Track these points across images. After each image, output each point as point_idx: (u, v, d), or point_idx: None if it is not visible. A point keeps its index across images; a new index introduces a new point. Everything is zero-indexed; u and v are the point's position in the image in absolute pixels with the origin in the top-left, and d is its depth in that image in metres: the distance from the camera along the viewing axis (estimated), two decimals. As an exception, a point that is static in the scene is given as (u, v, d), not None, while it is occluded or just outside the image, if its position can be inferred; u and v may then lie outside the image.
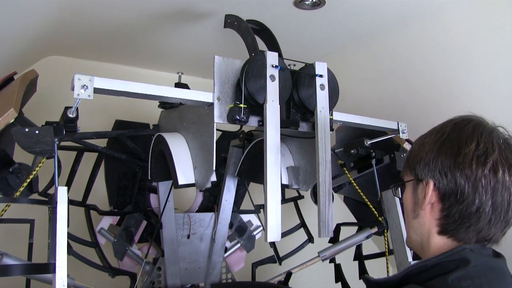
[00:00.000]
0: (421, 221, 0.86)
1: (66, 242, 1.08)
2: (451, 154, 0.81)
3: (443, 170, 0.81)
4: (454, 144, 0.81)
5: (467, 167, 0.78)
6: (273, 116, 1.27)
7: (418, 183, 0.86)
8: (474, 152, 0.79)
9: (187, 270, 1.89)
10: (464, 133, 0.82)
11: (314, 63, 1.38)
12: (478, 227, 0.79)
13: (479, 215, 0.78)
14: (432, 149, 0.84)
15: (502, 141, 0.81)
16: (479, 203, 0.78)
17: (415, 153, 0.88)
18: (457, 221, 0.80)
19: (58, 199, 1.12)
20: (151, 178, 1.70)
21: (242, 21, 1.47)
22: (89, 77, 1.11)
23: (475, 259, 0.77)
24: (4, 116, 1.09)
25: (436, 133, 0.86)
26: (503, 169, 0.78)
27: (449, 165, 0.80)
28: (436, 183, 0.82)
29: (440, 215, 0.82)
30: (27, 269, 1.15)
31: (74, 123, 1.21)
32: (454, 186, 0.79)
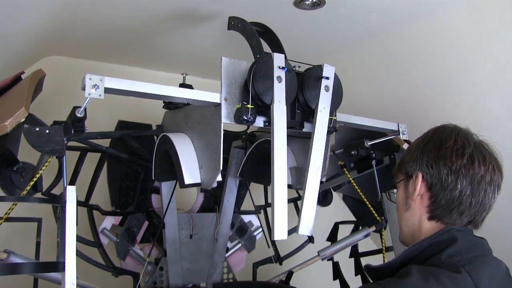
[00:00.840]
0: (412, 212, 1.00)
1: (75, 241, 1.08)
2: (434, 149, 0.97)
3: (429, 163, 0.97)
4: (436, 142, 0.98)
5: (448, 159, 0.94)
6: (280, 116, 1.29)
7: (408, 179, 1.02)
8: (453, 147, 0.95)
9: (189, 270, 1.89)
10: (444, 133, 0.99)
11: (322, 65, 1.41)
12: (461, 210, 0.94)
13: (461, 199, 0.93)
14: (418, 148, 1.01)
15: (476, 139, 1.00)
16: (460, 188, 0.93)
17: (404, 157, 1.05)
18: (443, 206, 0.95)
19: (67, 198, 1.13)
20: (155, 178, 1.71)
21: (247, 23, 1.49)
22: (100, 76, 1.13)
23: (461, 238, 0.91)
24: (15, 115, 1.09)
25: (420, 138, 1.04)
26: (478, 160, 0.94)
27: (433, 158, 0.96)
28: (424, 174, 0.98)
29: (428, 202, 0.97)
30: (36, 267, 1.16)
31: (82, 123, 1.22)
32: (439, 175, 0.95)
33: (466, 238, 0.92)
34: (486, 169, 0.95)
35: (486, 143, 1.02)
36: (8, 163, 1.33)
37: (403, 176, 1.04)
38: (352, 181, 1.80)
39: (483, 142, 1.02)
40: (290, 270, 1.89)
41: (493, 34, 1.61)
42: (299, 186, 1.64)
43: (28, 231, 1.55)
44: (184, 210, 2.03)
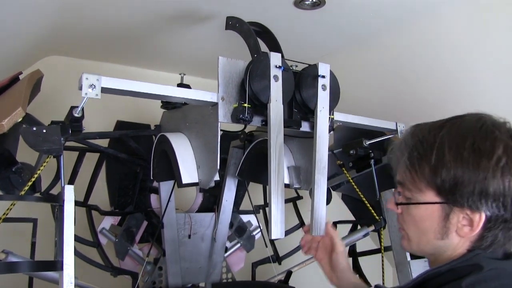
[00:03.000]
0: (448, 242, 0.78)
1: (73, 240, 1.08)
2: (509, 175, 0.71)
3: (504, 201, 0.72)
4: (488, 153, 0.72)
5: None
6: (276, 115, 1.29)
7: (453, 208, 0.75)
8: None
9: (188, 269, 1.90)
10: (492, 136, 0.74)
11: (317, 64, 1.41)
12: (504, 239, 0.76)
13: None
14: (494, 178, 0.71)
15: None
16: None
17: (452, 170, 0.73)
18: (503, 242, 0.76)
19: (65, 198, 1.13)
20: (153, 178, 1.71)
21: (244, 23, 1.49)
22: (97, 76, 1.13)
23: (487, 264, 0.75)
24: (12, 115, 1.09)
25: (487, 157, 0.72)
26: None
27: (500, 186, 0.71)
28: (489, 214, 0.73)
29: (482, 236, 0.75)
30: (34, 266, 1.16)
31: (79, 123, 1.22)
32: (506, 209, 0.72)
33: (493, 264, 0.75)
34: None
35: None
36: (6, 163, 1.34)
37: (440, 198, 0.75)
38: (351, 180, 1.80)
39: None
40: (289, 270, 1.90)
41: (493, 34, 1.60)
42: (297, 185, 1.64)
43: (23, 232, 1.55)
44: (183, 210, 2.03)
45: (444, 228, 0.77)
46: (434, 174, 0.75)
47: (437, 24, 1.70)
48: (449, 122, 0.81)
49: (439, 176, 0.74)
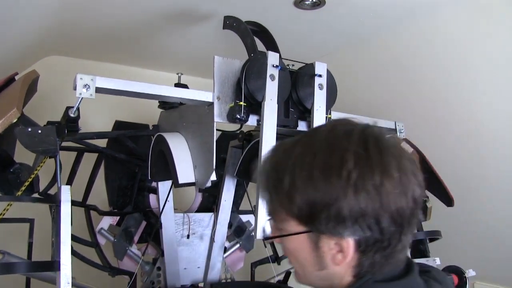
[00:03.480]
0: (330, 272, 0.67)
1: (70, 240, 1.09)
2: (374, 199, 0.60)
3: (366, 222, 0.61)
4: (371, 186, 0.61)
5: (393, 208, 0.61)
6: (270, 114, 1.29)
7: (319, 236, 0.65)
8: (393, 187, 0.61)
9: (187, 270, 1.89)
10: (374, 168, 0.61)
11: (314, 63, 1.40)
12: (401, 257, 0.68)
13: (403, 247, 0.66)
14: (345, 197, 0.60)
15: (405, 155, 0.65)
16: (405, 237, 0.65)
17: (307, 200, 0.63)
18: (383, 264, 0.66)
19: (62, 198, 1.13)
20: (151, 178, 1.71)
21: (241, 23, 1.49)
22: (91, 76, 1.13)
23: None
24: (7, 116, 1.09)
25: (336, 173, 0.61)
26: (417, 190, 0.64)
27: (374, 214, 0.61)
28: (356, 238, 0.63)
29: (359, 262, 0.65)
30: (31, 266, 1.16)
31: (75, 123, 1.22)
32: (381, 234, 0.62)
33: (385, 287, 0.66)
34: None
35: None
36: (4, 164, 1.34)
37: (303, 227, 0.66)
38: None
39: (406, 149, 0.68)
40: (288, 270, 1.89)
41: (493, 34, 1.60)
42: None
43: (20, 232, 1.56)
44: (182, 210, 2.02)
45: (318, 258, 0.66)
46: (289, 202, 0.65)
47: (437, 24, 1.70)
48: (303, 137, 0.68)
49: (295, 203, 0.64)
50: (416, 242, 1.75)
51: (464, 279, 1.60)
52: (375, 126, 0.68)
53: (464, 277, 1.60)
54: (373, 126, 0.68)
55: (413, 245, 1.78)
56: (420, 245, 1.75)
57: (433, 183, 1.80)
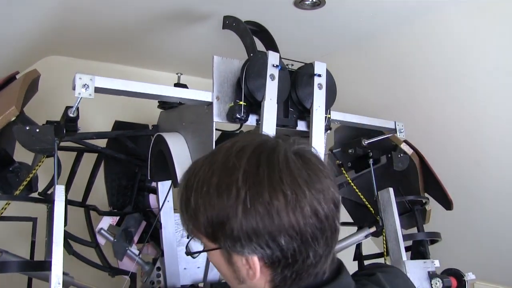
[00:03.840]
0: (251, 285, 0.68)
1: (62, 240, 1.08)
2: (264, 218, 0.60)
3: (263, 241, 0.61)
4: (260, 204, 0.60)
5: (287, 226, 0.60)
6: (270, 113, 1.29)
7: (229, 252, 0.65)
8: (285, 205, 0.60)
9: (187, 270, 1.89)
10: (263, 185, 0.61)
11: (313, 63, 1.40)
12: (316, 271, 0.66)
13: (317, 261, 0.64)
14: (235, 216, 0.61)
15: (302, 171, 0.62)
16: (314, 251, 0.63)
17: (206, 217, 0.64)
18: (295, 278, 0.65)
19: (56, 198, 1.13)
20: (150, 178, 1.71)
21: (241, 22, 1.49)
22: (90, 76, 1.13)
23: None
24: (5, 114, 1.10)
25: (227, 191, 0.62)
26: (319, 203, 0.62)
27: (267, 233, 0.60)
28: (259, 256, 0.63)
29: (273, 277, 0.65)
30: (23, 266, 1.16)
31: (74, 123, 1.22)
32: (281, 252, 0.62)
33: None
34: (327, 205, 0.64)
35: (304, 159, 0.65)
36: (3, 163, 1.34)
37: (213, 243, 0.65)
38: (350, 182, 1.79)
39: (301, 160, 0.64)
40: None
41: (493, 34, 1.60)
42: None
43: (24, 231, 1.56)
44: (182, 210, 2.02)
45: (235, 273, 0.67)
46: (196, 220, 0.65)
47: (437, 24, 1.69)
48: (209, 155, 0.69)
49: (199, 222, 0.65)
50: (416, 244, 1.75)
51: (463, 282, 1.59)
52: (282, 138, 0.67)
53: (463, 280, 1.59)
54: (275, 140, 0.66)
55: (414, 247, 1.77)
56: (421, 247, 1.74)
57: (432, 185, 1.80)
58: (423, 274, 1.56)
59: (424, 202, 1.83)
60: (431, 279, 1.54)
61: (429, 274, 1.55)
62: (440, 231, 1.76)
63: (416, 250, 1.75)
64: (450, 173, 1.86)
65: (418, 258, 1.68)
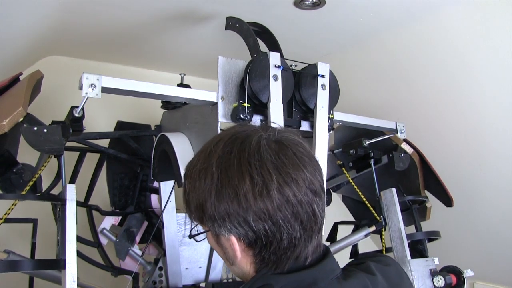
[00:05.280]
0: (240, 266, 0.72)
1: (75, 238, 1.10)
2: (233, 200, 0.64)
3: (235, 221, 0.65)
4: (229, 187, 0.64)
5: (254, 208, 0.63)
6: (276, 114, 1.30)
7: (217, 234, 0.69)
8: (252, 188, 0.63)
9: (188, 269, 1.90)
10: (232, 169, 0.65)
11: (317, 64, 1.42)
12: (295, 254, 0.68)
13: (294, 244, 0.66)
14: (210, 198, 0.66)
15: (274, 157, 0.65)
16: (289, 234, 0.65)
17: (193, 201, 0.69)
18: (276, 260, 0.68)
19: (67, 197, 1.14)
20: (153, 178, 1.72)
21: (244, 23, 1.50)
22: (97, 76, 1.14)
23: (277, 281, 0.67)
24: (13, 115, 1.10)
25: (204, 175, 0.67)
26: (290, 188, 0.64)
27: (237, 214, 0.64)
28: (236, 236, 0.67)
29: (254, 259, 0.69)
30: (37, 264, 1.17)
31: (80, 122, 1.23)
32: (254, 233, 0.65)
33: (284, 280, 0.68)
34: (302, 192, 0.66)
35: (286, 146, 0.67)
36: (7, 164, 1.34)
37: (206, 226, 0.70)
38: (351, 181, 1.80)
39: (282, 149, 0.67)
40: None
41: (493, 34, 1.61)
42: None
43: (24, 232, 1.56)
44: (184, 210, 2.03)
45: (224, 254, 0.72)
46: (189, 206, 0.71)
47: (437, 24, 1.71)
48: (204, 144, 0.74)
49: (190, 207, 0.70)
50: (414, 242, 1.77)
51: (462, 279, 1.62)
52: (265, 128, 0.70)
53: (462, 277, 1.62)
54: (256, 129, 0.69)
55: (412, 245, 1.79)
56: (419, 245, 1.76)
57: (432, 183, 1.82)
58: (425, 272, 1.58)
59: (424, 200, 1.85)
60: (433, 276, 1.56)
61: (430, 272, 1.58)
62: (440, 229, 1.78)
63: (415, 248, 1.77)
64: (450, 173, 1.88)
65: (416, 256, 1.70)
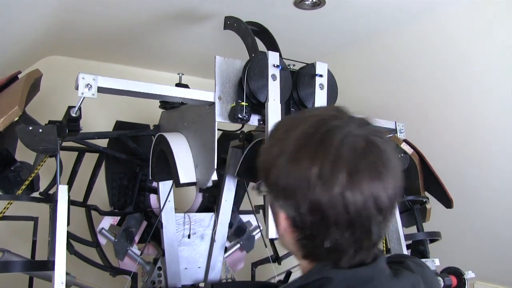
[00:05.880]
0: (284, 239, 0.70)
1: (65, 240, 1.08)
2: (295, 180, 0.62)
3: (289, 201, 0.64)
4: (297, 166, 0.62)
5: (311, 197, 0.61)
6: (274, 114, 1.29)
7: (273, 201, 0.69)
8: (318, 178, 0.60)
9: (187, 270, 1.89)
10: (308, 150, 0.62)
11: (315, 63, 1.41)
12: (337, 256, 0.66)
13: (338, 249, 0.64)
14: (276, 168, 0.64)
15: (353, 158, 0.61)
16: (334, 239, 0.63)
17: (263, 162, 0.68)
18: (316, 250, 0.66)
19: (59, 197, 1.13)
20: (152, 178, 1.71)
21: (242, 23, 1.49)
22: (93, 76, 1.13)
23: (336, 275, 0.65)
24: (8, 114, 1.10)
25: (280, 144, 0.65)
26: (353, 196, 0.60)
27: (293, 195, 0.62)
28: (285, 214, 0.66)
29: (297, 242, 0.68)
30: (26, 265, 1.16)
31: (77, 122, 1.22)
32: (302, 222, 0.64)
33: (343, 274, 0.65)
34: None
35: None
36: (5, 162, 1.34)
37: (267, 188, 0.69)
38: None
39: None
40: (288, 270, 1.87)
41: (493, 34, 1.60)
42: (296, 185, 1.63)
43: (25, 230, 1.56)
44: (182, 210, 2.02)
45: (276, 223, 0.70)
46: (259, 165, 0.70)
47: (437, 24, 1.70)
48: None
49: (260, 166, 0.68)
50: (416, 243, 1.76)
51: (463, 281, 1.60)
52: (358, 122, 0.66)
53: (463, 278, 1.60)
54: (349, 120, 0.66)
55: (413, 246, 1.78)
56: (420, 246, 1.75)
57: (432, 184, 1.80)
58: (425, 273, 1.57)
59: (424, 202, 1.84)
60: (432, 278, 1.55)
61: (430, 273, 1.56)
62: (440, 230, 1.77)
63: (416, 249, 1.76)
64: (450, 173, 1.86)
65: (417, 257, 1.69)
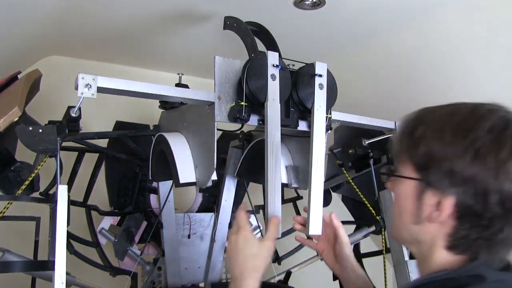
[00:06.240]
0: (423, 230, 0.70)
1: (65, 240, 1.08)
2: (490, 169, 0.62)
3: (474, 188, 0.63)
4: (494, 156, 0.62)
5: (505, 187, 0.61)
6: (273, 114, 1.29)
7: (426, 187, 0.68)
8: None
9: (187, 269, 1.90)
10: (505, 142, 0.63)
11: (314, 63, 1.41)
12: (496, 254, 0.67)
13: (506, 243, 0.65)
14: (461, 156, 0.64)
15: None
16: (509, 233, 0.64)
17: (426, 148, 0.68)
18: (475, 242, 0.66)
19: (58, 198, 1.13)
20: (152, 178, 1.71)
21: (242, 23, 1.49)
22: (93, 76, 1.13)
23: (491, 275, 0.65)
24: (8, 114, 1.10)
25: (464, 133, 0.65)
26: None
27: (484, 184, 0.62)
28: (456, 201, 0.65)
29: (452, 232, 0.67)
30: (27, 265, 1.16)
31: (76, 123, 1.22)
32: (483, 209, 0.63)
33: (497, 275, 0.66)
34: None
35: None
36: (5, 162, 1.34)
37: (417, 175, 0.70)
38: (350, 181, 1.79)
39: None
40: (288, 270, 1.89)
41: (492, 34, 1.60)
42: (296, 185, 1.63)
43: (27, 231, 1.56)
44: (182, 210, 2.03)
45: (417, 210, 0.70)
46: (414, 148, 0.71)
47: (437, 24, 1.70)
48: (452, 104, 0.74)
49: (418, 150, 0.70)
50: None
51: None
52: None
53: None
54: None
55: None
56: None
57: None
58: (424, 273, 1.57)
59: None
60: (432, 278, 1.55)
61: (429, 273, 1.56)
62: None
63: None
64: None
65: (415, 257, 1.69)
